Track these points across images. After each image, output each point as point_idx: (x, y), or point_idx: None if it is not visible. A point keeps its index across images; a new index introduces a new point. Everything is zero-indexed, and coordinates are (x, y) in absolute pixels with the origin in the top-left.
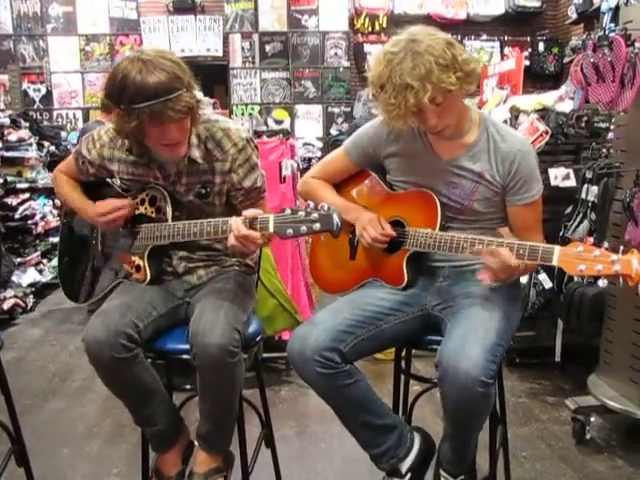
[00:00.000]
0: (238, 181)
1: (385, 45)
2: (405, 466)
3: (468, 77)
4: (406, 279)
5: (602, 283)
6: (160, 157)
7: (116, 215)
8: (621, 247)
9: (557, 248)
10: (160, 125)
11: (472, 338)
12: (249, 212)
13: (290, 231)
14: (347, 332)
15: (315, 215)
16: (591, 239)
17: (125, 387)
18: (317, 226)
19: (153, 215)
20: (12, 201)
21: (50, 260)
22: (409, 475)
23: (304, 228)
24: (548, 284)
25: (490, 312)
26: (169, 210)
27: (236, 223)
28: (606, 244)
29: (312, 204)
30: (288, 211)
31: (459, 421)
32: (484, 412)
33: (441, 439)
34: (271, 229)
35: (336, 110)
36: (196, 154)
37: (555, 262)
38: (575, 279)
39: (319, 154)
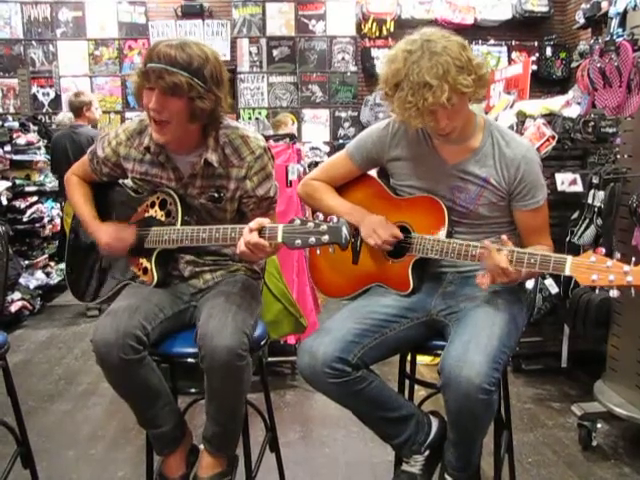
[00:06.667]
0: (252, 188)
1: (399, 44)
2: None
3: (480, 80)
4: (412, 285)
5: (613, 293)
6: (175, 158)
7: (119, 246)
8: (633, 258)
9: (570, 258)
10: (148, 88)
11: (474, 345)
12: (259, 220)
13: (299, 242)
14: (354, 342)
15: (324, 227)
16: (603, 249)
17: (131, 388)
18: (326, 238)
19: (163, 219)
20: (20, 204)
21: (57, 263)
22: (428, 451)
23: (312, 239)
24: (554, 289)
25: (494, 318)
26: (179, 214)
27: (247, 229)
28: (618, 255)
29: (321, 215)
30: (297, 221)
31: (462, 428)
32: (487, 419)
33: (445, 444)
34: (280, 239)
35: (343, 114)
36: (213, 158)
37: (568, 272)
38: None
39: (326, 158)
